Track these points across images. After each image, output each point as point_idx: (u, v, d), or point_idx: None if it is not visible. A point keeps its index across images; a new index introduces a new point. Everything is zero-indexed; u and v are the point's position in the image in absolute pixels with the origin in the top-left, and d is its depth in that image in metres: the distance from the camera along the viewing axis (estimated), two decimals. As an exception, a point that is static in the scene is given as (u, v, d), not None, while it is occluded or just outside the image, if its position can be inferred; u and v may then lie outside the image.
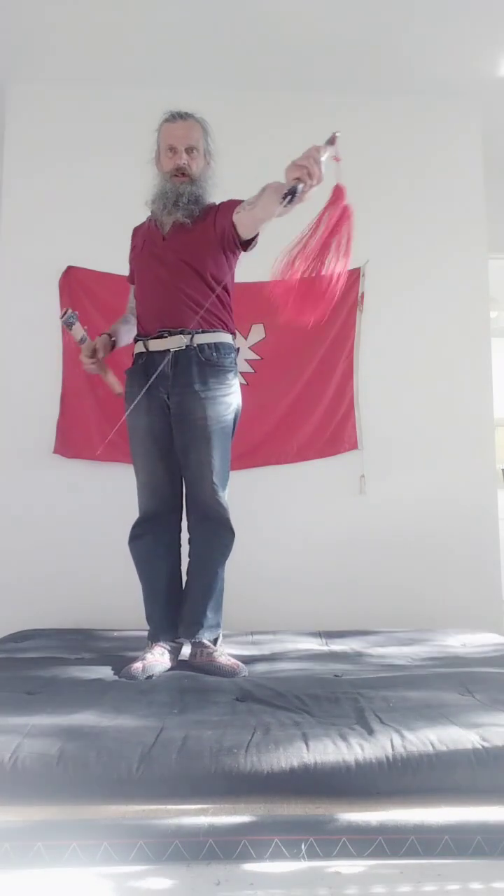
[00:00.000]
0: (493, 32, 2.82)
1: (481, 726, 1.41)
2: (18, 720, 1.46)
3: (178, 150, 2.05)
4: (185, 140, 2.06)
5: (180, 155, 2.05)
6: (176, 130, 2.06)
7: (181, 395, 2.01)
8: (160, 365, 1.99)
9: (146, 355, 2.06)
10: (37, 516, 2.91)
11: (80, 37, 2.83)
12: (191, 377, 2.00)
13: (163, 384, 2.02)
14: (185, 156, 2.05)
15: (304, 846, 1.16)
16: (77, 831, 1.17)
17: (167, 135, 2.08)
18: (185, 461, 2.05)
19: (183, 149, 2.05)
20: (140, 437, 2.08)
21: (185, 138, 2.06)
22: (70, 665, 1.98)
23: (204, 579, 2.07)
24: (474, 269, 3.18)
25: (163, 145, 2.09)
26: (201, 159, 2.08)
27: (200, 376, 2.01)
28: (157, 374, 1.99)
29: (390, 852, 1.16)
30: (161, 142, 2.10)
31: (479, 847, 1.17)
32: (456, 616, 2.73)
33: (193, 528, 2.09)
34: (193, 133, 2.07)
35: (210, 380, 2.02)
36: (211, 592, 2.06)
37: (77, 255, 2.99)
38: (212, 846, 1.15)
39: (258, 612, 2.65)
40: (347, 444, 3.03)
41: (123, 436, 2.93)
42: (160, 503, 2.09)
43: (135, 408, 2.03)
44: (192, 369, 2.01)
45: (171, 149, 2.06)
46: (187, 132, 2.06)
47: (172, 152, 2.06)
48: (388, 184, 3.16)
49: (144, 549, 2.10)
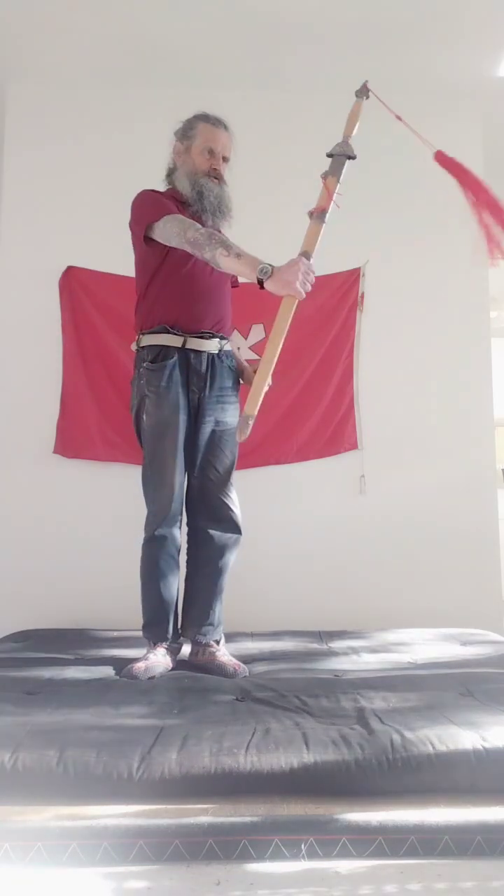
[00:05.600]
0: (493, 32, 2.82)
1: (481, 726, 1.41)
2: (18, 720, 1.46)
3: (217, 154, 2.12)
4: (227, 149, 2.14)
5: (218, 160, 2.12)
6: (221, 137, 2.13)
7: (215, 398, 2.06)
8: (196, 364, 2.04)
9: (180, 352, 2.03)
10: (37, 516, 2.91)
11: (81, 37, 2.83)
12: (224, 382, 2.10)
13: (196, 385, 2.04)
14: (222, 162, 2.13)
15: (304, 846, 1.16)
16: (77, 831, 1.17)
17: (210, 136, 2.11)
18: (204, 464, 2.07)
19: (221, 156, 2.13)
20: (174, 436, 2.02)
21: (227, 147, 2.14)
22: (70, 665, 1.98)
23: (213, 579, 2.08)
24: (474, 269, 3.17)
25: (202, 143, 2.11)
26: (226, 171, 2.16)
27: (230, 381, 2.13)
28: (193, 375, 2.04)
29: (390, 852, 1.16)
30: (199, 139, 2.11)
31: (479, 847, 1.17)
32: (456, 616, 2.73)
33: (203, 528, 2.09)
34: (230, 145, 2.16)
35: (233, 385, 2.15)
36: (219, 592, 2.09)
37: (77, 255, 2.98)
38: (212, 846, 1.15)
39: (258, 612, 2.65)
40: (347, 444, 3.03)
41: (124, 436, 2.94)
42: (180, 504, 2.08)
43: (170, 405, 2.01)
44: (224, 374, 2.10)
45: (212, 151, 2.11)
46: (229, 142, 2.15)
47: (211, 154, 2.11)
48: (389, 184, 3.16)
49: (163, 551, 2.04)
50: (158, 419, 2.02)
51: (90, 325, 2.95)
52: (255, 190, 3.03)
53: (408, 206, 3.17)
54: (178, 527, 2.09)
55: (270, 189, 3.08)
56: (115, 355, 2.89)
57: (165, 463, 2.02)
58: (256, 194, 3.02)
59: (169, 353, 2.02)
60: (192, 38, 2.84)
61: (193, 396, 2.04)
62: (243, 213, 2.24)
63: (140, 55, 2.94)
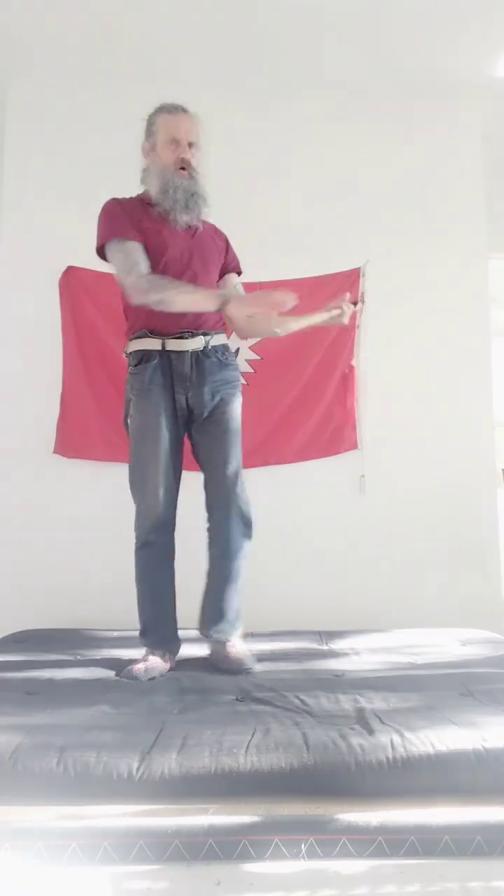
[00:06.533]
0: (493, 32, 2.82)
1: (481, 726, 1.41)
2: (18, 720, 1.46)
3: (181, 142, 2.04)
4: (189, 134, 2.05)
5: (184, 148, 2.04)
6: (181, 123, 2.05)
7: (204, 396, 2.02)
8: (178, 365, 2.01)
9: (161, 354, 2.02)
10: (37, 516, 2.91)
11: (81, 36, 2.83)
12: (213, 378, 2.05)
13: (181, 385, 2.01)
14: (188, 149, 2.04)
15: (304, 846, 1.16)
16: (77, 831, 1.17)
17: (170, 126, 2.05)
18: (209, 461, 2.05)
19: (186, 142, 2.04)
20: (155, 439, 2.01)
21: (189, 132, 2.05)
22: (70, 665, 1.98)
23: (226, 577, 2.05)
24: (474, 269, 3.18)
25: (164, 136, 2.05)
26: (199, 154, 2.08)
27: (221, 376, 2.07)
28: (177, 376, 2.01)
29: (390, 852, 1.16)
30: (161, 132, 2.06)
31: (479, 847, 1.17)
32: (456, 616, 2.73)
33: (217, 526, 2.07)
34: (195, 128, 2.07)
35: (228, 380, 2.09)
36: (236, 588, 2.06)
37: (77, 254, 2.98)
38: (212, 846, 1.15)
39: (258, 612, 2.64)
40: (347, 444, 3.03)
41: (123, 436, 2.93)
42: (170, 508, 2.05)
43: (151, 408, 2.01)
44: (213, 370, 2.05)
45: (175, 141, 2.04)
46: (191, 126, 2.06)
47: (175, 144, 2.04)
48: (389, 184, 3.16)
49: (155, 557, 2.04)
50: (140, 422, 2.03)
51: (90, 325, 2.95)
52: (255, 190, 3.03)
53: (408, 207, 3.17)
54: (169, 531, 2.05)
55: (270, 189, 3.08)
56: (115, 355, 2.88)
57: (147, 466, 2.02)
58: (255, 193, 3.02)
59: (150, 357, 2.02)
60: (191, 39, 2.84)
61: (180, 397, 2.02)
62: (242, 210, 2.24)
63: (140, 55, 2.94)
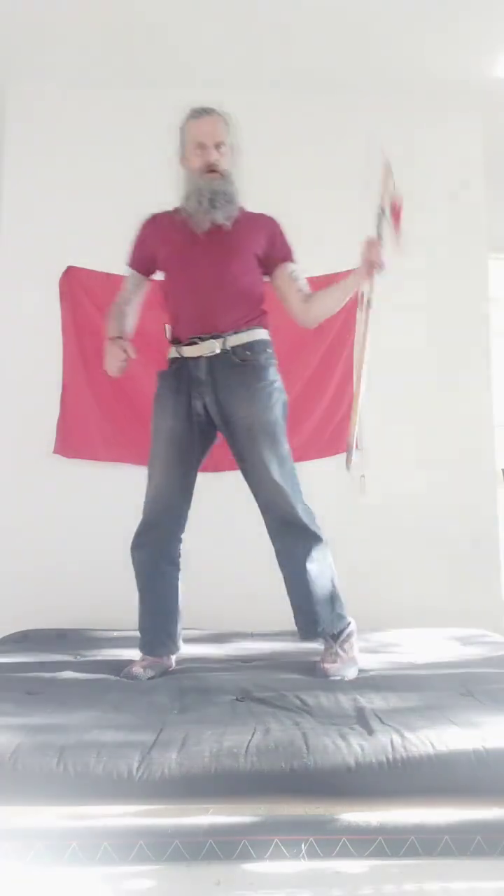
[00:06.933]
0: (493, 32, 2.82)
1: (481, 726, 1.41)
2: (18, 720, 1.46)
3: (207, 146, 2.01)
4: (213, 136, 2.01)
5: (210, 151, 2.00)
6: (203, 126, 2.02)
7: (221, 400, 1.97)
8: (193, 370, 1.99)
9: (180, 360, 2.03)
10: (37, 516, 2.91)
11: (81, 37, 2.83)
12: (228, 381, 1.97)
13: (197, 390, 1.99)
14: (214, 152, 2.01)
15: (304, 846, 1.16)
16: (77, 831, 1.17)
17: (195, 131, 2.03)
18: (242, 467, 2.02)
19: (212, 145, 2.01)
20: (161, 440, 2.03)
21: (212, 134, 2.01)
22: (70, 665, 1.98)
23: (290, 581, 1.98)
24: (474, 269, 3.18)
25: (190, 142, 2.03)
26: (230, 155, 2.05)
27: (238, 378, 1.98)
28: (193, 381, 1.98)
29: (390, 852, 1.16)
30: (188, 139, 2.04)
31: (479, 847, 1.17)
32: (456, 616, 2.73)
33: (271, 534, 2.01)
34: (220, 128, 2.03)
35: (248, 380, 1.98)
36: (310, 593, 1.95)
37: (77, 254, 2.98)
38: (212, 846, 1.15)
39: (258, 612, 2.65)
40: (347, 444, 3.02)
41: (124, 436, 2.94)
42: (164, 511, 2.03)
43: (162, 410, 2.03)
44: (228, 373, 1.98)
45: (200, 145, 2.01)
46: (214, 127, 2.02)
47: (201, 149, 2.01)
48: (388, 184, 3.16)
49: (147, 560, 2.03)
50: (155, 425, 2.05)
51: (90, 325, 2.95)
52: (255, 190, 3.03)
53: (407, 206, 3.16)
54: (162, 535, 2.03)
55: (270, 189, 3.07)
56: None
57: (154, 467, 2.04)
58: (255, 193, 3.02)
59: (172, 364, 2.05)
60: (191, 38, 2.84)
61: (196, 403, 1.99)
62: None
63: (140, 55, 2.94)
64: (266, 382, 2.01)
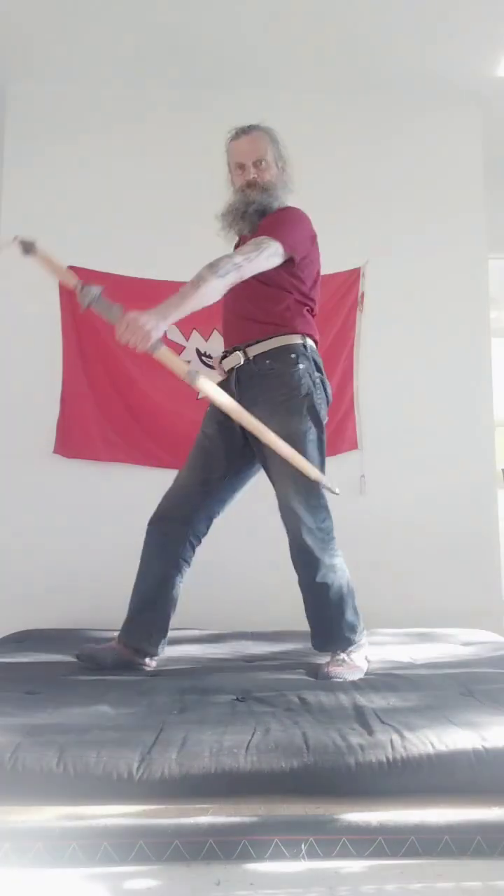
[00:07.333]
0: (493, 32, 2.82)
1: (481, 726, 1.41)
2: (18, 720, 1.46)
3: (246, 165, 2.06)
4: (251, 154, 2.05)
5: (248, 170, 2.06)
6: (241, 146, 2.07)
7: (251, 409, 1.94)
8: (229, 382, 2.03)
9: (228, 373, 2.08)
10: (37, 516, 2.91)
11: (81, 36, 2.83)
12: (251, 392, 1.98)
13: None
14: (252, 170, 2.05)
15: (304, 846, 1.16)
16: (77, 831, 1.17)
17: (234, 153, 2.09)
18: (271, 480, 2.02)
19: (250, 163, 2.05)
20: (196, 443, 2.10)
21: (250, 153, 2.06)
22: (70, 665, 1.98)
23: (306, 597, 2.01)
24: (474, 269, 3.18)
25: (232, 164, 2.10)
26: (273, 169, 2.07)
27: (259, 389, 1.97)
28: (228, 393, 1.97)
29: (390, 852, 1.16)
30: (230, 161, 2.10)
31: (479, 847, 1.17)
32: (456, 616, 2.73)
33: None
34: (259, 145, 2.06)
35: (269, 391, 1.96)
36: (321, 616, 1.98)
37: (77, 254, 2.98)
38: (212, 846, 1.15)
39: (258, 612, 2.65)
40: (347, 444, 3.03)
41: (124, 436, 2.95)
42: (171, 507, 2.05)
43: (206, 417, 2.10)
44: (250, 384, 1.99)
45: (240, 166, 2.07)
46: (252, 146, 2.06)
47: (241, 169, 2.07)
48: (389, 183, 3.17)
49: (151, 542, 2.05)
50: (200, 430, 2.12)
51: (90, 325, 2.95)
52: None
53: (408, 207, 3.17)
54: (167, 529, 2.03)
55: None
56: (114, 355, 2.89)
57: (182, 466, 2.10)
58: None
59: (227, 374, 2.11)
60: (191, 38, 2.84)
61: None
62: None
63: (140, 55, 2.94)
64: (287, 392, 1.95)
